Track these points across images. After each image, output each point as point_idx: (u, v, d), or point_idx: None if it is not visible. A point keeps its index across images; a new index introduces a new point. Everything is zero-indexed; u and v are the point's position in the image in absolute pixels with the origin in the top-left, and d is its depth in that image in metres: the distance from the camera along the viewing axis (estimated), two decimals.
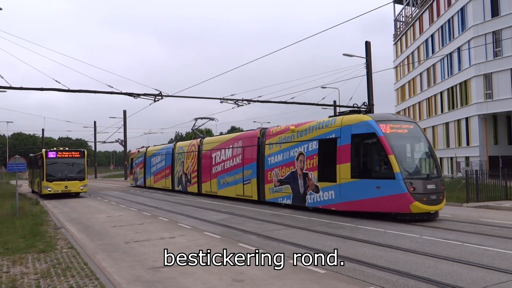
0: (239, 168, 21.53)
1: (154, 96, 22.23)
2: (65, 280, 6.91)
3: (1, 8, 18.36)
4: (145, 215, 16.56)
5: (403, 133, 14.33)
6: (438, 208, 13.65)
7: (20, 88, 19.39)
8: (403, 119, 15.34)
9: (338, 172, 14.99)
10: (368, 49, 26.12)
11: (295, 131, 17.75)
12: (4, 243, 10.12)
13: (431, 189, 13.42)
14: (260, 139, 20.22)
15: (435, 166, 14.61)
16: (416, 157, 14.81)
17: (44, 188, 25.34)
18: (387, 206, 13.54)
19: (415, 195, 12.98)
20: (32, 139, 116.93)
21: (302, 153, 17.05)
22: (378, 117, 14.57)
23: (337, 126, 15.36)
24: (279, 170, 18.47)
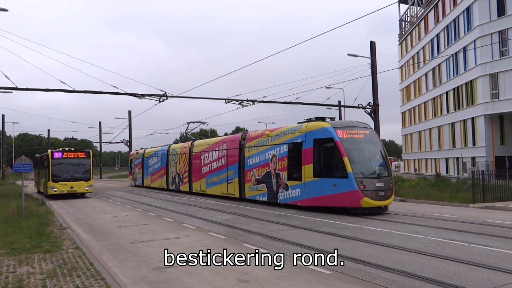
0: (224, 168, 23.50)
1: (159, 97, 22.30)
2: (71, 280, 6.93)
3: (7, 9, 18.42)
4: (150, 215, 16.59)
5: (359, 138, 16.35)
6: (386, 203, 15.80)
7: (26, 89, 19.50)
8: (360, 125, 17.04)
9: (303, 172, 17.03)
10: (373, 49, 26.04)
11: (269, 136, 19.71)
12: (10, 243, 10.17)
13: (379, 187, 15.43)
14: (241, 143, 22.11)
15: (385, 167, 16.49)
16: (368, 159, 16.50)
17: (50, 188, 25.45)
18: (342, 201, 15.54)
19: (365, 192, 14.98)
20: (38, 140, 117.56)
21: (275, 155, 19.03)
22: (336, 124, 16.68)
23: (303, 132, 17.45)
24: (256, 171, 20.39)
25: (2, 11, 18.32)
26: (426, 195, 21.07)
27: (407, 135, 58.09)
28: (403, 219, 14.23)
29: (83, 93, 21.18)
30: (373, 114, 25.78)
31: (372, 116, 25.79)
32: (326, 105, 28.92)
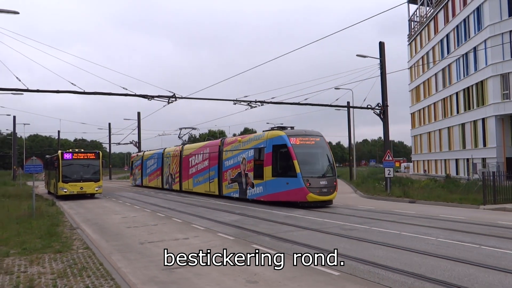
0: (207, 169, 26.79)
1: (168, 98, 22.40)
2: (81, 280, 6.99)
3: (18, 12, 18.61)
4: (159, 216, 16.67)
5: (309, 144, 19.54)
6: (329, 198, 18.96)
7: (37, 91, 19.71)
8: (311, 133, 20.24)
9: (264, 172, 20.17)
10: (382, 49, 25.92)
11: (241, 141, 22.99)
12: (21, 243, 10.28)
13: (323, 184, 18.59)
14: (220, 147, 25.28)
15: (330, 168, 19.66)
16: (315, 161, 19.62)
17: (60, 189, 25.66)
18: (293, 196, 18.68)
19: (310, 189, 18.14)
20: (48, 141, 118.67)
21: (244, 158, 22.15)
22: (290, 133, 19.76)
23: (265, 139, 20.60)
24: (231, 171, 23.55)
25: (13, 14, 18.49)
26: (436, 196, 20.91)
27: (417, 136, 57.70)
28: (412, 220, 14.14)
29: (93, 95, 21.36)
30: (382, 115, 25.66)
31: (381, 117, 25.67)
32: (335, 106, 28.83)
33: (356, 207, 19.07)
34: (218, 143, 25.85)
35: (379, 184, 28.38)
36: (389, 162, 24.16)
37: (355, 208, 18.61)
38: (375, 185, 28.81)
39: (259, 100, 24.37)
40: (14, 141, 58.25)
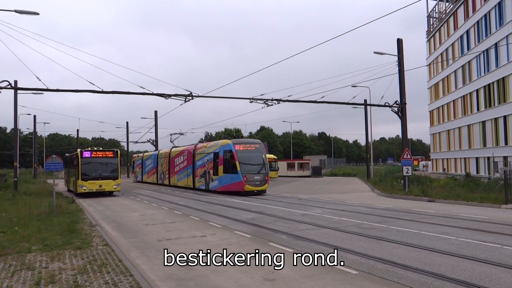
0: (185, 168, 33.94)
1: (185, 97, 22.53)
2: (101, 276, 7.08)
3: (38, 13, 18.93)
4: (176, 213, 16.80)
5: (250, 149, 26.47)
6: (262, 189, 26.13)
7: (56, 90, 20.03)
8: (252, 141, 27.99)
9: (219, 170, 27.06)
10: (400, 46, 25.58)
11: (206, 147, 30.28)
12: (43, 239, 10.48)
13: (257, 179, 25.75)
14: (194, 151, 32.34)
15: (263, 167, 26.49)
16: (253, 162, 26.21)
17: (79, 187, 26.07)
18: (236, 187, 25.74)
19: (247, 182, 25.34)
20: (67, 140, 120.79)
21: (208, 159, 29.05)
22: (236, 141, 26.92)
23: (219, 145, 27.59)
24: (200, 170, 30.60)
25: (33, 15, 18.82)
26: (456, 195, 20.56)
27: (436, 134, 56.83)
28: (431, 219, 13.94)
29: (111, 94, 21.61)
30: (400, 113, 25.34)
31: (399, 114, 25.35)
32: (352, 104, 28.63)
33: (373, 205, 18.89)
34: (193, 148, 32.83)
35: (397, 183, 28.05)
36: (408, 160, 23.86)
37: (373, 206, 18.43)
38: (393, 183, 28.49)
39: (275, 99, 24.32)
40: (34, 139, 59.39)
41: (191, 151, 32.72)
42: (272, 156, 52.54)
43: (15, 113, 30.32)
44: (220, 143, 27.73)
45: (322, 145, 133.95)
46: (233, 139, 27.63)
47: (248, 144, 27.02)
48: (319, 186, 36.22)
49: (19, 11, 18.14)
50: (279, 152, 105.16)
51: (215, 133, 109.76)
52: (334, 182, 42.16)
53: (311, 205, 19.38)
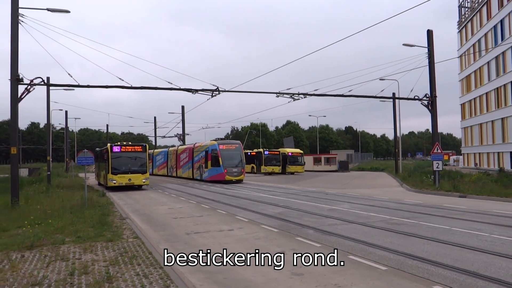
0: (187, 163, 40.81)
1: (212, 92, 22.66)
2: (132, 268, 7.25)
3: (69, 11, 19.35)
4: (204, 207, 16.98)
5: (231, 148, 34.00)
6: (239, 178, 33.32)
7: (87, 86, 20.47)
8: (233, 142, 35.54)
9: (208, 164, 34.25)
10: (430, 38, 24.94)
11: (200, 146, 37.19)
12: (75, 231, 10.79)
13: (235, 171, 33.06)
14: (193, 149, 39.04)
15: (240, 162, 33.92)
16: (232, 159, 33.57)
17: (110, 180, 26.68)
18: (219, 177, 32.81)
19: (227, 173, 32.49)
20: (97, 134, 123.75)
21: (202, 156, 35.85)
22: (220, 142, 34.35)
23: (209, 145, 34.87)
24: (197, 164, 37.48)
25: (65, 13, 19.27)
26: (489, 191, 19.96)
27: (467, 128, 55.27)
28: (463, 215, 13.59)
29: (140, 89, 21.95)
30: (430, 106, 24.76)
31: (429, 108, 24.78)
32: (380, 98, 28.11)
33: (402, 201, 18.57)
34: (192, 146, 39.73)
35: (427, 178, 27.45)
36: (438, 155, 23.31)
37: (402, 202, 18.12)
38: (422, 178, 27.90)
39: (302, 93, 24.15)
40: (66, 134, 61.04)
41: (191, 149, 39.57)
42: (298, 151, 52.31)
43: (47, 109, 31.24)
44: (209, 143, 35.24)
45: (349, 140, 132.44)
46: (219, 141, 35.13)
47: (230, 144, 34.76)
48: (346, 181, 35.88)
49: (51, 9, 18.59)
50: (305, 147, 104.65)
51: (241, 128, 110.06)
52: (362, 177, 41.66)
53: (338, 200, 19.23)
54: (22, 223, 11.88)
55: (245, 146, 74.61)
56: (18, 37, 16.86)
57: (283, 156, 49.63)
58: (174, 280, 6.47)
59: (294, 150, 52.28)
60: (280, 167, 48.73)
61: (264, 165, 48.39)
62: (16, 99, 16.92)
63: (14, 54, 16.76)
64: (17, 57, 16.88)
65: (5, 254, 8.30)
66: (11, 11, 16.88)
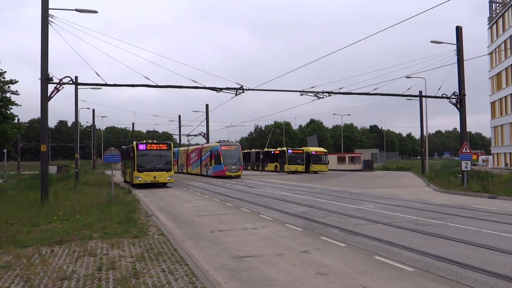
0: (196, 161, 46.15)
1: (236, 90, 22.70)
2: (157, 264, 7.34)
3: (97, 11, 19.70)
4: (228, 205, 17.05)
5: (231, 149, 39.40)
6: (237, 174, 39.02)
7: (114, 85, 20.82)
8: (233, 144, 41.24)
9: (212, 162, 39.62)
10: (460, 34, 24.33)
11: (206, 147, 42.68)
12: (103, 227, 11.01)
13: (234, 168, 38.67)
14: (201, 149, 44.54)
15: (238, 160, 39.19)
16: (232, 158, 38.86)
17: (135, 178, 27.10)
18: (221, 173, 38.24)
19: (227, 170, 38.19)
20: (123, 132, 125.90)
21: (208, 155, 41.34)
22: (222, 144, 39.97)
23: (213, 146, 40.48)
24: (204, 162, 42.84)
25: (92, 13, 19.65)
26: None
27: (497, 127, 53.69)
28: (493, 217, 13.21)
29: (165, 88, 22.19)
30: (458, 105, 24.17)
31: (458, 106, 24.18)
32: (406, 96, 27.58)
33: (429, 201, 18.20)
34: (200, 147, 45.40)
35: (455, 178, 26.80)
36: (466, 154, 22.73)
37: (428, 202, 17.76)
38: (450, 179, 27.26)
39: (326, 91, 23.91)
40: (93, 133, 62.39)
41: (199, 149, 45.37)
42: (322, 150, 51.94)
43: (76, 107, 31.96)
44: (213, 145, 41.20)
45: (374, 138, 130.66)
46: (221, 142, 41.15)
47: (230, 146, 40.26)
48: (370, 180, 35.42)
49: (80, 9, 18.99)
50: (329, 146, 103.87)
51: (265, 126, 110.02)
52: (387, 177, 41.06)
53: (363, 199, 19.00)
54: (51, 218, 12.20)
55: (269, 145, 74.65)
56: (48, 37, 17.28)
57: (307, 155, 49.38)
58: (199, 277, 6.52)
59: (318, 149, 51.93)
60: (303, 166, 48.49)
61: (288, 164, 48.24)
62: (46, 98, 17.36)
63: (44, 54, 17.19)
64: (47, 57, 17.30)
65: (36, 249, 8.54)
66: (41, 12, 17.29)
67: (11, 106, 23.17)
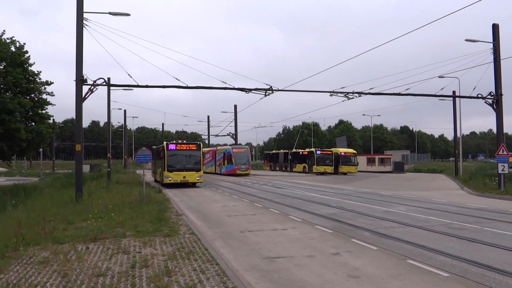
0: (211, 161, 51.13)
1: (265, 91, 22.72)
2: (189, 263, 7.42)
3: (129, 14, 20.10)
4: (257, 206, 17.07)
5: (241, 151, 45.91)
6: (246, 173, 45.14)
7: (145, 86, 21.21)
8: (243, 146, 48.81)
9: (225, 162, 45.93)
10: (496, 32, 23.54)
11: (220, 149, 48.57)
12: (135, 226, 11.22)
13: (243, 167, 44.96)
14: (216, 151, 49.89)
15: (247, 161, 45.68)
16: (242, 158, 45.06)
17: (165, 177, 27.48)
18: (233, 172, 44.33)
19: (238, 169, 44.33)
20: (153, 133, 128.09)
21: (221, 156, 47.01)
22: (233, 147, 46.57)
23: (226, 149, 46.83)
24: (217, 162, 48.42)
25: (125, 16, 20.08)
26: None
27: None
28: None
29: (195, 89, 22.43)
30: (495, 105, 23.39)
31: (494, 107, 23.41)
32: (439, 96, 26.89)
33: (463, 204, 17.68)
34: (215, 149, 50.91)
35: (491, 181, 25.93)
36: (504, 156, 21.96)
37: (463, 206, 17.24)
38: (485, 181, 26.40)
39: (356, 91, 23.61)
40: (124, 133, 63.70)
41: (214, 151, 51.12)
42: (352, 151, 51.30)
43: (108, 108, 32.77)
44: (226, 147, 47.33)
45: (405, 140, 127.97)
46: (232, 145, 47.21)
47: (240, 148, 46.34)
48: (401, 182, 34.73)
49: (113, 13, 19.43)
50: (358, 147, 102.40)
51: (293, 127, 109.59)
52: (418, 179, 40.16)
53: (394, 202, 18.64)
54: (86, 216, 12.53)
55: (297, 146, 74.28)
56: (82, 40, 17.76)
57: (336, 156, 48.89)
58: (230, 277, 6.55)
59: (347, 150, 51.33)
60: (332, 167, 48.03)
61: (316, 165, 47.90)
62: (80, 99, 17.85)
63: (79, 56, 17.69)
64: (82, 59, 17.80)
65: (72, 246, 8.79)
66: (76, 16, 17.79)
67: (46, 106, 23.93)
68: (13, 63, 22.08)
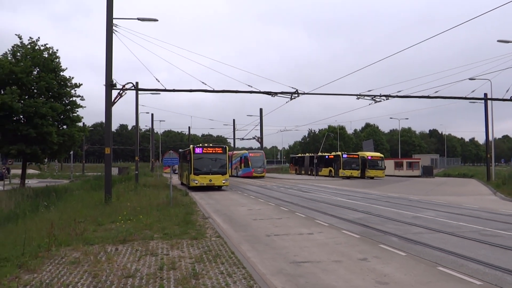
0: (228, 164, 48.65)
1: (291, 94, 22.65)
2: (216, 266, 7.47)
3: (157, 19, 20.43)
4: (283, 210, 17.02)
5: (257, 155, 49.41)
6: (261, 175, 48.38)
7: (173, 90, 21.51)
8: (258, 151, 51.65)
9: (242, 166, 49.80)
10: None
11: (236, 154, 53.35)
12: (162, 228, 11.38)
13: (259, 170, 48.28)
14: (232, 155, 50.97)
15: (262, 164, 48.83)
16: (258, 162, 48.45)
17: (192, 180, 27.74)
18: (249, 174, 47.75)
19: (254, 172, 47.82)
20: (180, 136, 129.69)
21: (238, 160, 51.00)
22: (249, 151, 52.29)
23: (242, 153, 51.52)
24: (234, 165, 51.20)
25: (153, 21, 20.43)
26: None
27: None
28: None
29: (221, 93, 22.59)
30: None
31: None
32: (470, 99, 26.24)
33: (496, 210, 17.14)
34: (231, 153, 49.78)
35: None
36: None
37: (496, 212, 16.72)
38: None
39: (384, 94, 23.26)
40: (152, 136, 64.73)
41: (230, 155, 50.52)
42: (379, 155, 50.52)
43: (136, 112, 33.35)
44: (242, 152, 51.91)
45: (434, 143, 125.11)
46: (249, 150, 52.52)
47: (256, 153, 50.08)
48: (430, 187, 33.96)
49: (141, 18, 19.82)
50: (385, 150, 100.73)
51: (318, 130, 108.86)
52: (448, 184, 39.19)
53: (423, 207, 18.24)
54: (115, 218, 12.80)
55: (323, 149, 73.80)
56: (112, 46, 18.16)
57: (362, 160, 48.23)
58: (257, 280, 6.56)
59: (374, 154, 50.57)
60: (359, 171, 47.40)
61: (342, 169, 47.36)
62: (110, 103, 18.25)
63: (109, 61, 18.09)
64: (111, 64, 18.20)
65: (101, 247, 8.99)
66: (106, 22, 18.22)
67: (77, 109, 24.67)
68: (46, 69, 22.84)
